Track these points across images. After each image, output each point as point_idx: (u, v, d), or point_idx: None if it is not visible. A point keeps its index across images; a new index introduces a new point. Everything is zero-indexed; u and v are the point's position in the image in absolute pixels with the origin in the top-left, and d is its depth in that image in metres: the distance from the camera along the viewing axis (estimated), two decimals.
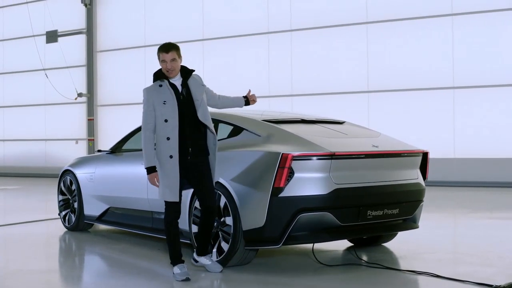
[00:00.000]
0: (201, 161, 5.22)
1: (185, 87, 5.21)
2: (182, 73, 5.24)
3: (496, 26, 14.25)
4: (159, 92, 5.13)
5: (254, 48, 17.31)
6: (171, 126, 5.08)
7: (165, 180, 5.10)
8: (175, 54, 5.13)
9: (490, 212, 9.78)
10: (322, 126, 6.05)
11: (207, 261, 5.38)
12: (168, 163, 5.08)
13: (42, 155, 21.46)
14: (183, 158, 5.13)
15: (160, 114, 5.09)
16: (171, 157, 5.07)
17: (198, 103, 5.19)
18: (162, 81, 5.17)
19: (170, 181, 5.08)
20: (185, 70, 5.26)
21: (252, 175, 5.30)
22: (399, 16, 15.33)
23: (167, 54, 5.11)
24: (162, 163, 5.11)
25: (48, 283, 5.29)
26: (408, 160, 5.85)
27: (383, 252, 6.26)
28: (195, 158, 5.19)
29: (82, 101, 20.55)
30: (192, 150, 5.17)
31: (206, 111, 5.23)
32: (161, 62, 5.14)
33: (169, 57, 5.11)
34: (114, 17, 20.18)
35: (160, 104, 5.10)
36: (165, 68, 5.14)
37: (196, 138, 5.19)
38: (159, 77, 5.19)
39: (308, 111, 9.01)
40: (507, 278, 4.95)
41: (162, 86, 5.16)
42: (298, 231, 5.18)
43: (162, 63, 5.14)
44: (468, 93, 14.54)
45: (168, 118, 5.08)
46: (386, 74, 15.48)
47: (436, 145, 13.82)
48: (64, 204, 8.11)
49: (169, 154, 5.07)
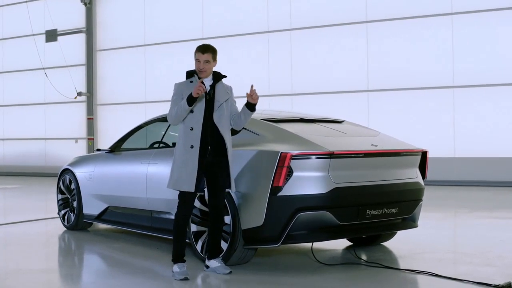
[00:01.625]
0: (218, 160, 5.21)
1: (212, 89, 5.27)
2: (214, 76, 5.30)
3: (495, 25, 14.24)
4: (189, 87, 5.19)
5: (254, 47, 17.30)
6: (197, 117, 5.14)
7: (182, 169, 5.11)
8: (209, 57, 5.21)
9: (490, 211, 9.78)
10: (321, 125, 6.04)
11: (216, 264, 5.34)
12: (188, 153, 5.11)
13: (42, 154, 21.45)
14: (203, 154, 5.14)
15: None
16: (192, 147, 5.11)
17: (217, 105, 5.22)
18: (194, 77, 5.27)
19: (187, 170, 5.09)
20: (217, 74, 5.34)
21: (251, 174, 5.30)
22: (398, 16, 15.32)
23: (203, 54, 5.20)
24: (182, 152, 5.13)
25: (47, 283, 5.29)
26: (407, 159, 5.84)
27: (382, 252, 6.25)
28: (213, 157, 5.19)
29: (81, 100, 20.55)
30: (211, 148, 5.19)
31: (223, 116, 5.21)
32: (196, 61, 5.23)
33: (204, 58, 5.19)
34: (114, 16, 20.17)
35: None
36: (197, 67, 5.22)
37: (216, 138, 5.19)
38: (191, 75, 5.29)
39: (308, 110, 8.99)
40: (507, 277, 4.95)
41: (192, 82, 5.24)
42: (297, 230, 5.18)
43: (196, 62, 5.22)
44: (468, 92, 14.53)
45: (194, 110, 5.15)
46: (386, 74, 15.47)
47: (435, 144, 13.82)
48: (64, 203, 8.10)
49: (190, 144, 5.11)
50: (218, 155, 5.19)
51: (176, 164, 5.17)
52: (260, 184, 5.19)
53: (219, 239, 5.37)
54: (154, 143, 7.06)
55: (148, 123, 7.37)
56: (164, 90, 18.78)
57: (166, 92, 20.83)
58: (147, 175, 6.62)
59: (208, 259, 5.39)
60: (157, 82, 19.06)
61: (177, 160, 5.17)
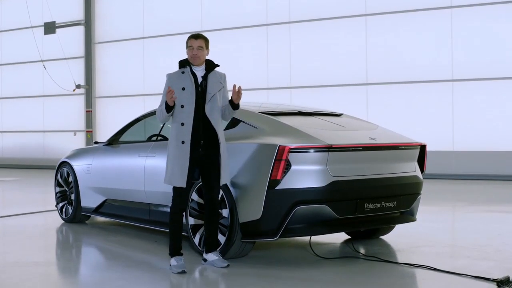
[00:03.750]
0: (212, 153, 5.19)
1: (205, 80, 5.22)
2: (206, 66, 5.27)
3: (495, 19, 14.21)
4: (180, 78, 5.18)
5: (252, 40, 17.26)
6: (187, 112, 5.11)
7: (174, 165, 5.11)
8: (202, 43, 5.22)
9: (488, 205, 9.78)
10: (319, 119, 6.02)
11: (214, 257, 5.33)
12: (179, 149, 5.09)
13: (40, 146, 21.43)
14: (195, 148, 5.12)
15: (178, 100, 5.12)
16: (183, 143, 5.09)
17: (209, 96, 5.17)
18: (185, 68, 5.23)
19: (179, 166, 5.08)
20: (210, 64, 5.30)
21: (249, 167, 5.29)
22: (398, 9, 15.30)
23: (196, 40, 5.21)
24: (173, 148, 5.12)
25: (45, 275, 5.28)
26: (406, 152, 5.83)
27: (381, 245, 6.25)
28: (206, 150, 5.17)
29: (80, 92, 20.51)
30: (204, 142, 5.16)
31: (215, 108, 5.17)
32: (188, 48, 5.21)
33: (197, 43, 5.19)
34: (113, 8, 20.11)
35: (179, 90, 5.13)
36: (190, 55, 5.20)
37: (208, 131, 5.16)
38: (183, 65, 5.25)
39: (307, 104, 8.98)
40: (505, 271, 4.94)
41: (184, 73, 5.21)
42: (295, 223, 5.17)
43: (189, 49, 5.21)
44: (467, 86, 14.52)
45: (184, 104, 5.12)
46: (385, 67, 15.45)
47: (434, 138, 13.82)
48: (61, 196, 8.09)
49: (181, 140, 5.09)
50: (210, 148, 5.17)
51: (169, 160, 5.17)
52: (258, 177, 5.17)
53: (216, 232, 5.37)
54: (152, 136, 7.04)
55: (146, 115, 7.36)
56: (162, 83, 18.72)
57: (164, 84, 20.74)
58: (145, 168, 6.60)
59: (205, 253, 5.38)
60: (155, 75, 19.01)
61: (170, 155, 5.17)
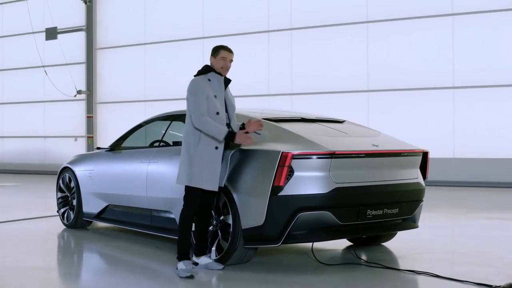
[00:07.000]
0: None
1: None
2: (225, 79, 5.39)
3: (496, 26, 14.25)
4: (208, 85, 5.24)
5: (254, 47, 17.29)
6: (221, 118, 5.23)
7: (204, 169, 5.15)
8: (233, 57, 5.36)
9: (488, 212, 9.78)
10: (322, 125, 6.03)
11: (208, 260, 5.38)
12: (212, 154, 5.17)
13: (41, 152, 21.44)
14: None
15: (212, 106, 5.18)
16: (216, 148, 5.17)
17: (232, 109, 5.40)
18: (213, 75, 5.29)
19: (211, 171, 5.15)
20: (227, 79, 5.41)
21: (251, 173, 5.29)
22: (399, 16, 15.34)
23: (230, 53, 5.36)
24: (205, 153, 5.16)
25: (46, 281, 5.28)
26: (408, 159, 5.84)
27: (383, 252, 6.25)
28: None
29: (81, 98, 20.54)
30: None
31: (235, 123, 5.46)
32: (221, 58, 5.30)
33: (231, 57, 5.36)
34: (114, 14, 20.16)
35: (212, 97, 5.20)
36: (224, 65, 5.30)
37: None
38: (207, 71, 5.31)
39: (308, 110, 8.98)
40: (506, 278, 4.95)
41: (210, 80, 5.26)
42: (297, 230, 5.17)
43: (222, 60, 5.29)
44: (468, 93, 14.54)
45: (219, 111, 5.22)
46: (386, 74, 15.48)
47: (435, 145, 13.81)
48: (63, 202, 8.09)
49: (215, 145, 5.17)
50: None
51: (198, 162, 5.14)
52: (261, 183, 5.18)
53: (207, 236, 5.46)
54: (154, 142, 7.05)
55: (148, 121, 7.36)
56: (164, 89, 18.85)
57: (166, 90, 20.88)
58: (147, 174, 6.61)
59: (196, 256, 5.42)
60: (157, 81, 19.05)
61: (198, 157, 5.15)
